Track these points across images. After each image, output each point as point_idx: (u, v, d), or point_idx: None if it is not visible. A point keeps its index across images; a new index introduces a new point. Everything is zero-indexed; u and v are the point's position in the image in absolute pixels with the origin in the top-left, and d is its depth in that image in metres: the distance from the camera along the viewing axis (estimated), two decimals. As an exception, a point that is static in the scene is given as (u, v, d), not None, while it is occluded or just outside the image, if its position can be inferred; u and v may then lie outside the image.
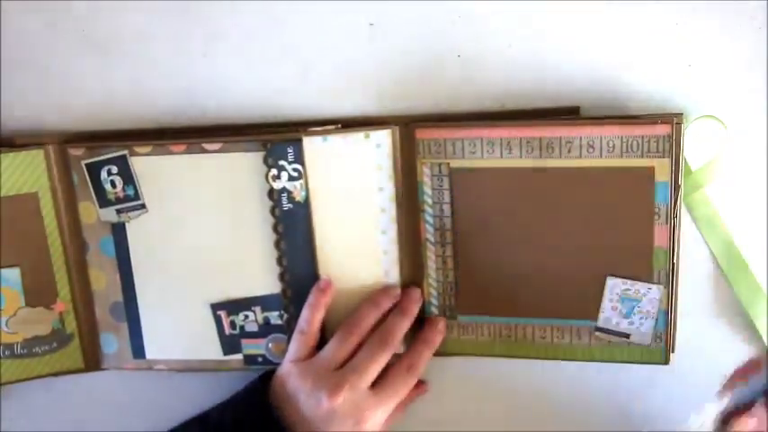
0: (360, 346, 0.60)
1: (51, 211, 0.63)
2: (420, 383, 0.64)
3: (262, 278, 0.64)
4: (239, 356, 0.65)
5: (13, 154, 0.62)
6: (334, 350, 0.60)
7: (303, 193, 0.61)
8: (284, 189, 0.61)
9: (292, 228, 0.62)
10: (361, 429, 0.58)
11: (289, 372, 0.60)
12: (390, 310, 0.61)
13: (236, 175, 0.62)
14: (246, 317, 0.64)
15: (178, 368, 0.66)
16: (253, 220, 0.62)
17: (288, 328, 0.64)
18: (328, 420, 0.58)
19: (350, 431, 0.58)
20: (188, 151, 0.62)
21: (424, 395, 0.65)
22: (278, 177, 0.61)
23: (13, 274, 0.64)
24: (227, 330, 0.65)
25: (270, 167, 0.61)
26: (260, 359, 0.65)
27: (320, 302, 0.61)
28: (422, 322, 0.63)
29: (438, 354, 0.64)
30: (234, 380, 0.65)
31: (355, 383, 0.58)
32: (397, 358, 0.61)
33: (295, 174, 0.61)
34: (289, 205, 0.61)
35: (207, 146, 0.61)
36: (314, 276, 0.62)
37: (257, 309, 0.64)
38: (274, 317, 0.64)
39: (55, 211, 0.63)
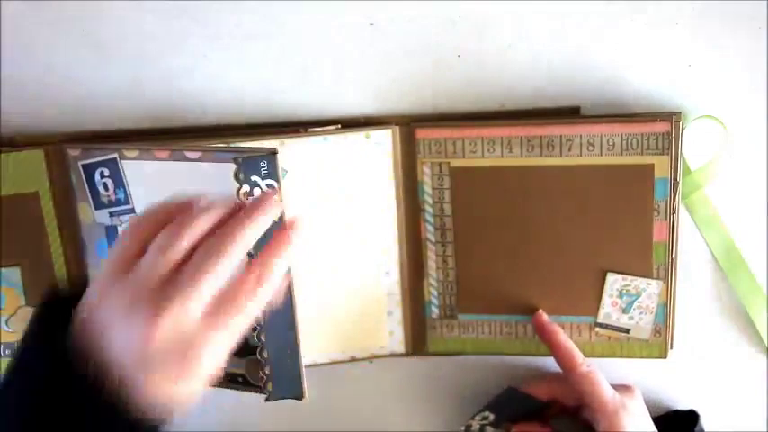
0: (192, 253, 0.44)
1: (51, 211, 0.63)
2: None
3: None
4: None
5: (13, 154, 0.61)
6: (154, 260, 0.44)
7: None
8: None
9: None
10: (190, 369, 0.43)
11: (102, 292, 0.44)
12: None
13: (212, 187, 0.54)
14: None
15: None
16: None
17: (261, 357, 0.56)
18: (145, 360, 0.42)
19: (176, 374, 0.43)
20: (171, 158, 0.57)
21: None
22: (250, 194, 0.53)
23: (14, 274, 0.63)
24: None
25: (241, 184, 0.52)
26: (240, 379, 0.58)
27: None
28: (423, 323, 0.64)
29: (438, 353, 0.64)
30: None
31: (181, 305, 0.42)
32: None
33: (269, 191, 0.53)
34: None
35: (188, 153, 0.56)
36: (289, 303, 0.55)
37: None
38: (252, 337, 0.56)
39: (55, 210, 0.63)
